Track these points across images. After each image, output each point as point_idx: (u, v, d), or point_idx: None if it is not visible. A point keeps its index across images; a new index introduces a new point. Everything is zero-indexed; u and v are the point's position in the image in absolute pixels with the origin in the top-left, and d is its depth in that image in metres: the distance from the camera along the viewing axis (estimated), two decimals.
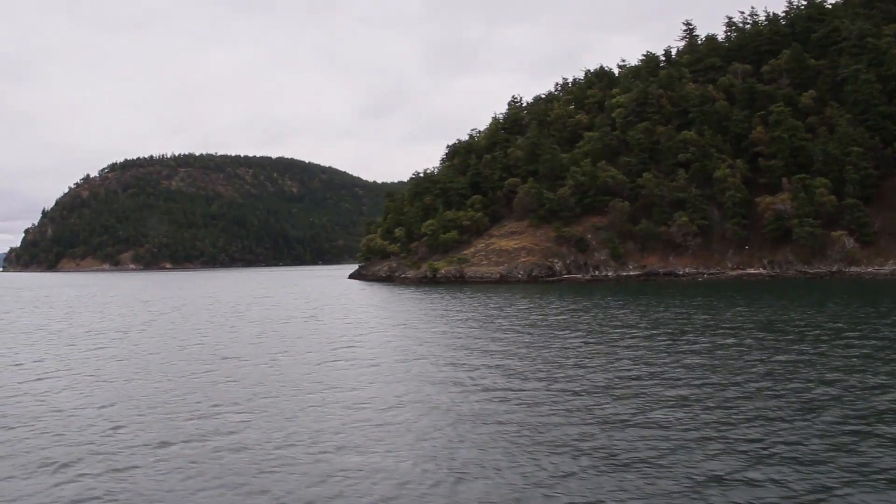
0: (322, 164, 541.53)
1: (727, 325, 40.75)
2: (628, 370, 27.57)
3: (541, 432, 18.85)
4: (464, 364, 30.15)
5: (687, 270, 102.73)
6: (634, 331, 39.66)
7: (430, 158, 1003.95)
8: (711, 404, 21.48)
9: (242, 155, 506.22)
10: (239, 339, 41.40)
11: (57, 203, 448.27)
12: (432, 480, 15.52)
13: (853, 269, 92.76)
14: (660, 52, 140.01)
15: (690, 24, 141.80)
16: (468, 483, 15.31)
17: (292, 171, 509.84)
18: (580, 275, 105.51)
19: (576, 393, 23.65)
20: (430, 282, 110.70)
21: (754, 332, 37.25)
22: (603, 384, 24.97)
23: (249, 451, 17.96)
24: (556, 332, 39.93)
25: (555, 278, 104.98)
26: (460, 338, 39.13)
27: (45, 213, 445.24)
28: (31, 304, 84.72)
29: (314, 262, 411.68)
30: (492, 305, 61.67)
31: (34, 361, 34.27)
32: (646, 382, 24.98)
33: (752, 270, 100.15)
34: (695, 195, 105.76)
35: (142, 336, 44.75)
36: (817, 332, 36.79)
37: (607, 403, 21.99)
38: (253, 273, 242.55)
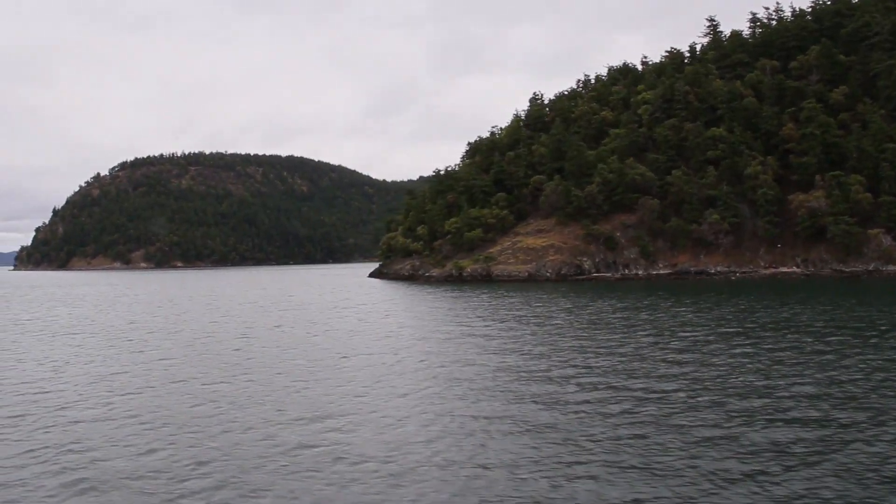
0: (331, 162, 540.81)
1: (801, 325, 39.42)
2: (728, 375, 26.27)
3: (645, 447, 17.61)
4: (556, 368, 28.90)
5: (718, 269, 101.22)
6: (699, 329, 38.36)
7: (437, 157, 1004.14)
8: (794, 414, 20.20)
9: (252, 153, 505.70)
10: (303, 341, 40.25)
11: (68, 202, 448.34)
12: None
13: (890, 267, 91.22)
14: (670, 49, 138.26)
15: (714, 21, 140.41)
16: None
17: (302, 170, 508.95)
18: (609, 273, 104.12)
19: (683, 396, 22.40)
20: (456, 280, 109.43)
21: (840, 333, 35.93)
22: (705, 388, 23.70)
23: (350, 459, 16.78)
24: (629, 332, 38.63)
25: (583, 277, 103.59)
26: (529, 340, 37.85)
27: (55, 212, 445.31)
28: (71, 304, 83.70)
29: (324, 261, 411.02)
30: (538, 304, 60.34)
31: (143, 370, 33.10)
32: (769, 392, 23.68)
33: (785, 269, 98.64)
34: (726, 192, 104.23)
35: (222, 339, 43.64)
36: None
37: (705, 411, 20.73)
38: (267, 272, 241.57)
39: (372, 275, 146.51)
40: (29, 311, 70.15)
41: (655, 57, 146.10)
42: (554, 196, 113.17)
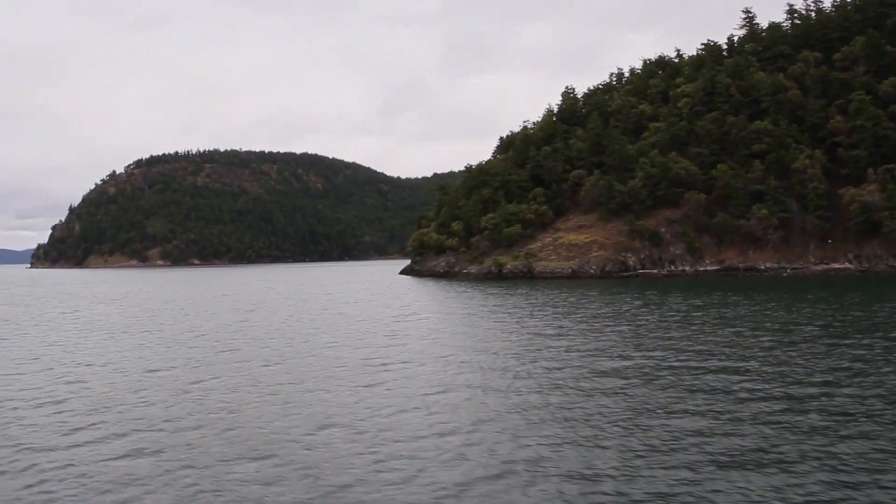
0: (346, 159, 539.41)
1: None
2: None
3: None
4: (674, 371, 26.90)
5: (768, 265, 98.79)
6: (811, 329, 36.25)
7: (448, 155, 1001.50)
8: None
9: (267, 151, 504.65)
10: (374, 343, 38.40)
11: (84, 199, 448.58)
12: None
13: None
14: (706, 42, 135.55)
15: (750, 13, 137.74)
16: None
17: (316, 167, 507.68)
18: (655, 270, 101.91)
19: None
20: (496, 277, 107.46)
21: None
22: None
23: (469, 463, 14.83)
24: (742, 331, 36.54)
25: (629, 273, 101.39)
26: (637, 341, 35.82)
27: (72, 210, 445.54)
28: (107, 303, 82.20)
29: (340, 259, 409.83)
30: (607, 301, 58.22)
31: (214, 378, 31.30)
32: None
33: (837, 265, 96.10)
34: (774, 187, 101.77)
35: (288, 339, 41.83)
36: None
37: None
38: (289, 270, 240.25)
39: (403, 272, 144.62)
40: (77, 309, 68.60)
41: (675, 53, 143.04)
42: (595, 191, 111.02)
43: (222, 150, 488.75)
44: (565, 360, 29.16)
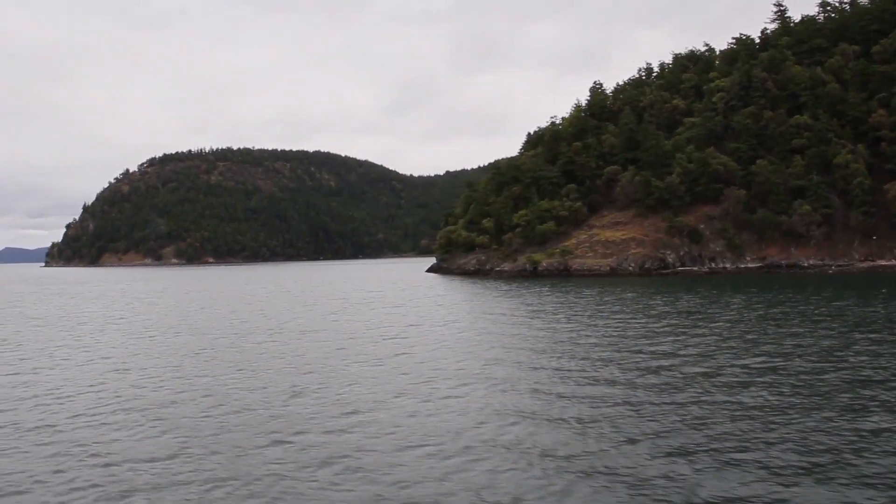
0: (359, 157, 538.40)
1: None
2: None
3: None
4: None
5: (811, 262, 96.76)
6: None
7: (460, 151, 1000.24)
8: None
9: (279, 149, 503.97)
10: (446, 343, 36.82)
11: (98, 198, 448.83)
12: None
13: None
14: (738, 35, 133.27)
15: (782, 6, 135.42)
16: None
17: (329, 165, 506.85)
18: (695, 267, 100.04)
19: None
20: (531, 275, 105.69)
21: None
22: None
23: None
24: (840, 330, 34.77)
25: (668, 271, 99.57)
26: (735, 341, 34.10)
27: (85, 208, 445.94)
28: (155, 303, 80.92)
29: (355, 257, 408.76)
30: (662, 298, 56.41)
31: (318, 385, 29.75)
32: None
33: (883, 262, 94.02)
34: (816, 182, 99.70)
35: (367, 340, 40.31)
36: None
37: None
38: (309, 268, 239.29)
39: (430, 270, 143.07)
40: (120, 309, 67.33)
41: (705, 47, 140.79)
42: (631, 187, 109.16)
43: (235, 148, 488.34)
44: (673, 363, 27.46)
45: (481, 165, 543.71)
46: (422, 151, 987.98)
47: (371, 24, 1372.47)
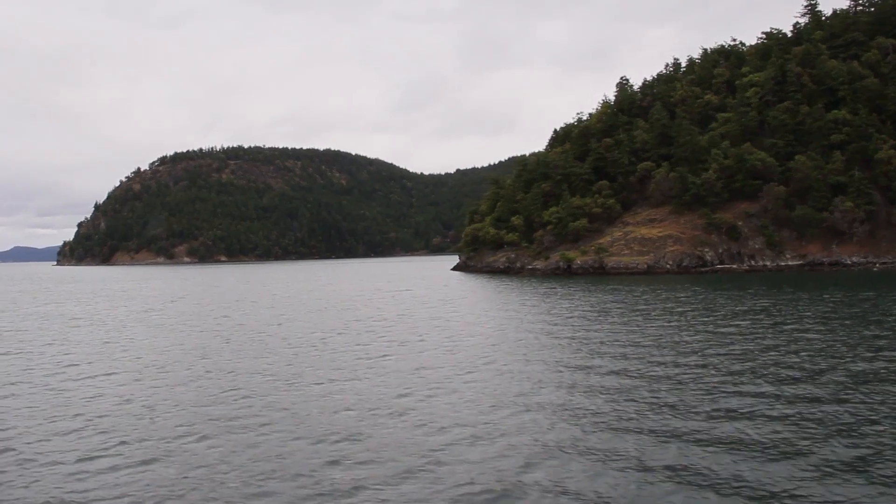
0: (369, 156, 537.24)
1: None
2: None
3: None
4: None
5: (854, 260, 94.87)
6: None
7: (468, 150, 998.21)
8: None
9: (290, 147, 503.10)
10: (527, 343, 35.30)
11: (109, 196, 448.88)
12: None
13: None
14: (768, 30, 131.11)
15: (812, 0, 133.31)
16: None
17: (339, 164, 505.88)
18: (734, 265, 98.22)
19: None
20: (564, 273, 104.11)
21: None
22: None
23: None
24: None
25: (707, 269, 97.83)
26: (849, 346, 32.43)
27: (97, 207, 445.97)
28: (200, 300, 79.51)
29: (367, 255, 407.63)
30: (725, 297, 54.70)
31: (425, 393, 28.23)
32: None
33: None
34: (858, 178, 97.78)
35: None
36: None
37: None
38: (326, 266, 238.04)
39: (456, 268, 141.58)
40: (147, 308, 66.02)
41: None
42: (666, 183, 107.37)
43: (246, 146, 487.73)
44: (792, 365, 25.86)
45: (492, 163, 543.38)
46: (430, 150, 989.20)
47: (379, 23, 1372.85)
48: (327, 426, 18.76)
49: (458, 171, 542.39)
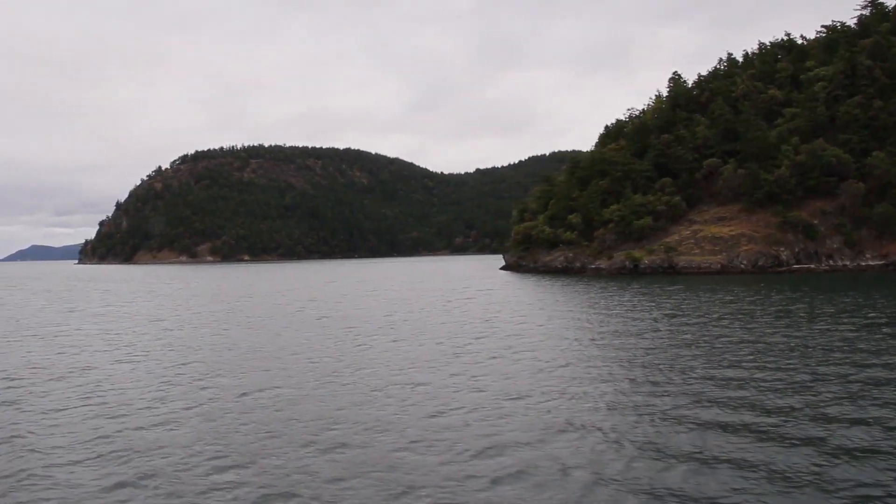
0: (388, 155, 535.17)
1: None
2: None
3: None
4: None
5: None
6: None
7: (485, 149, 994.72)
8: None
9: (311, 146, 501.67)
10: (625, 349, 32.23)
11: (130, 195, 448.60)
12: None
13: None
14: (830, 23, 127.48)
15: None
16: None
17: (360, 163, 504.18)
18: (812, 264, 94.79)
19: None
20: (631, 273, 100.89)
21: None
22: None
23: None
24: None
25: (783, 269, 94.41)
26: None
27: (118, 206, 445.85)
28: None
29: (389, 255, 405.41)
30: (863, 301, 51.42)
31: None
32: None
33: None
34: None
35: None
36: None
37: None
38: (358, 266, 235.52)
39: (505, 268, 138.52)
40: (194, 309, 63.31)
41: (796, 35, 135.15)
42: (735, 180, 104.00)
43: (266, 145, 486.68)
44: None
45: (512, 163, 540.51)
46: (446, 149, 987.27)
47: (393, 22, 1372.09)
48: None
49: (477, 170, 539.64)
